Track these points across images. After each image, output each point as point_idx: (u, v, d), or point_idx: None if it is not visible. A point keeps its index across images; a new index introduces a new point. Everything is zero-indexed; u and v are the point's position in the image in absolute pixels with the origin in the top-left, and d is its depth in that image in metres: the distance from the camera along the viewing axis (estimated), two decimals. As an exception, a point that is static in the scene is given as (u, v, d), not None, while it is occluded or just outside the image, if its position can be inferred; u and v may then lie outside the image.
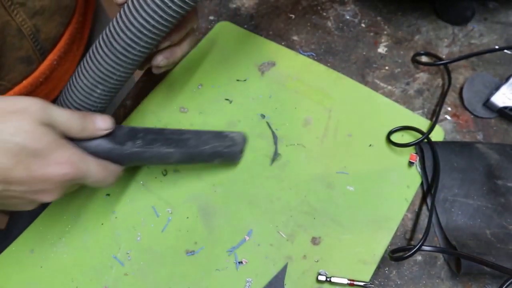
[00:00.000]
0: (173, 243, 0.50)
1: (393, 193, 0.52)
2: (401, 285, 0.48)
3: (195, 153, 0.48)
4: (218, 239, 0.50)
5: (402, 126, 0.55)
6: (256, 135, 0.56)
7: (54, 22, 0.53)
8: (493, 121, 0.58)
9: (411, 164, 0.53)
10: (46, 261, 0.50)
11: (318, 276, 0.47)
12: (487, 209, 0.51)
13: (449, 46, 0.64)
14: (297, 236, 0.50)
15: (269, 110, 0.58)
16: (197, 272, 0.48)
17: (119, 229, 0.51)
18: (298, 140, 0.55)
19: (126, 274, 0.49)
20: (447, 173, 0.53)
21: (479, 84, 0.59)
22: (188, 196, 0.53)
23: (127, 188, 0.53)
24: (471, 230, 0.50)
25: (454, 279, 0.48)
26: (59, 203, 0.53)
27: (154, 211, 0.52)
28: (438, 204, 0.51)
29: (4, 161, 0.36)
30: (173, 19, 0.42)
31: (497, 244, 0.48)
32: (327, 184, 0.53)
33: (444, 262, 0.49)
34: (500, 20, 0.66)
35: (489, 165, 0.53)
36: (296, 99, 0.58)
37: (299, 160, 0.54)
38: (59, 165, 0.38)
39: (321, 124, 0.56)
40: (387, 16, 0.67)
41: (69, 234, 0.51)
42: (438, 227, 0.51)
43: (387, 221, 0.51)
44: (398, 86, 0.61)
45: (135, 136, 0.45)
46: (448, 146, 0.55)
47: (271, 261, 0.49)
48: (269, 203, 0.52)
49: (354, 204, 0.52)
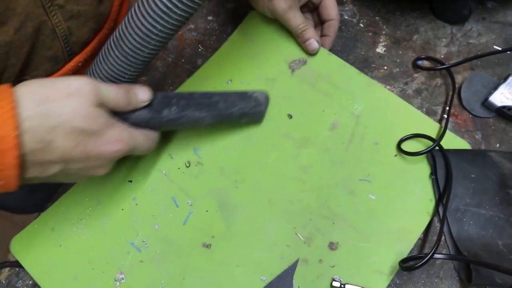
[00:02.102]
0: (191, 235, 0.50)
1: (415, 206, 0.51)
2: (400, 285, 0.48)
3: (225, 115, 0.51)
4: (235, 234, 0.50)
5: (413, 134, 0.55)
6: (281, 135, 0.56)
7: (87, 27, 0.55)
8: (492, 120, 0.58)
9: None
10: (65, 240, 0.51)
11: (332, 282, 0.47)
12: (500, 219, 0.50)
13: (448, 46, 0.64)
14: (314, 240, 0.50)
15: (297, 110, 0.57)
16: (211, 266, 0.49)
17: (138, 216, 0.52)
18: (323, 144, 0.55)
19: (142, 261, 0.49)
20: (459, 182, 0.52)
21: (477, 84, 0.59)
22: (209, 190, 0.53)
23: (149, 176, 0.54)
24: (483, 240, 0.49)
25: (453, 278, 0.48)
26: (82, 186, 0.53)
27: (174, 201, 0.52)
28: (449, 213, 0.51)
29: (64, 143, 0.38)
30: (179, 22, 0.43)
31: (509, 255, 0.47)
32: (349, 190, 0.52)
33: (443, 261, 0.49)
34: (499, 20, 0.65)
35: (502, 174, 0.52)
36: (324, 101, 0.58)
37: (322, 163, 0.54)
38: (112, 143, 0.41)
39: (348, 130, 0.56)
40: (386, 16, 0.67)
41: (89, 217, 0.52)
42: (449, 237, 0.50)
43: (406, 233, 0.50)
44: (397, 86, 0.61)
45: (170, 102, 0.47)
46: (461, 154, 0.54)
47: (287, 262, 0.49)
48: (289, 204, 0.52)
49: (374, 213, 0.51)
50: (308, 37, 0.59)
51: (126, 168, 0.54)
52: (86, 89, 0.39)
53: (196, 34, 0.67)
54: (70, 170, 0.41)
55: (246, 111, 0.52)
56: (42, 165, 0.39)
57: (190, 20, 0.68)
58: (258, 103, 0.53)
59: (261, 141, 0.56)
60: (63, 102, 0.38)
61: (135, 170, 0.54)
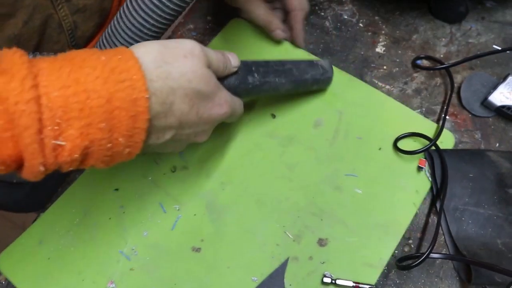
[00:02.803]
0: (180, 239, 0.50)
1: (401, 198, 0.52)
2: (400, 284, 0.48)
3: (300, 81, 0.53)
4: (224, 237, 0.50)
5: (410, 133, 0.55)
6: (266, 134, 0.56)
7: (92, 21, 0.55)
8: (491, 120, 0.58)
9: (420, 169, 0.53)
10: (54, 253, 0.50)
11: (323, 278, 0.47)
12: (498, 218, 0.50)
13: (447, 46, 0.64)
14: (303, 237, 0.50)
15: (280, 110, 0.58)
16: (202, 269, 0.49)
17: (126, 224, 0.51)
18: (308, 141, 0.55)
19: (132, 269, 0.49)
20: (457, 182, 0.52)
21: (477, 83, 0.59)
22: (196, 193, 0.53)
23: (135, 183, 0.54)
24: (482, 239, 0.49)
25: (453, 278, 0.48)
26: (69, 197, 0.53)
27: (161, 207, 0.52)
28: (448, 212, 0.51)
29: (183, 106, 0.37)
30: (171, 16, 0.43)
31: (508, 254, 0.47)
32: (336, 186, 0.53)
33: (443, 261, 0.49)
34: (498, 19, 0.65)
35: (500, 173, 0.53)
36: (307, 99, 0.58)
37: (308, 161, 0.54)
38: (220, 106, 0.41)
39: (332, 126, 0.56)
40: (385, 15, 0.67)
41: (77, 228, 0.51)
42: (449, 236, 0.50)
43: (394, 225, 0.50)
44: (396, 86, 0.61)
45: (251, 69, 0.48)
46: (458, 154, 0.54)
47: (277, 261, 0.49)
48: (277, 203, 0.52)
49: (362, 207, 0.51)
50: (271, 28, 0.59)
51: (111, 176, 0.54)
52: (197, 50, 0.38)
53: (195, 34, 0.67)
54: (180, 136, 0.40)
55: (317, 78, 0.55)
56: (161, 131, 0.38)
57: (189, 20, 0.68)
58: (325, 70, 0.56)
59: (246, 141, 0.56)
60: (181, 63, 0.37)
61: (120, 178, 0.54)
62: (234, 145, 0.56)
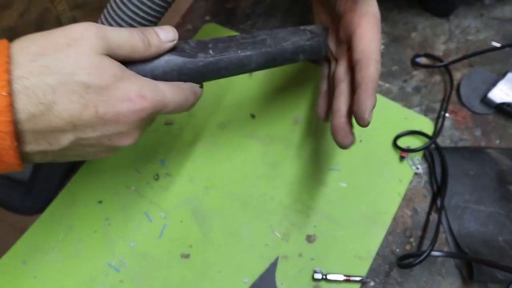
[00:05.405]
0: (168, 247, 0.50)
1: (385, 188, 0.52)
2: (402, 283, 0.48)
3: (276, 52, 0.43)
4: (213, 241, 0.50)
5: (409, 131, 0.55)
6: (246, 135, 0.56)
7: (92, 18, 0.53)
8: (491, 117, 0.58)
9: (402, 159, 0.54)
10: (39, 271, 0.49)
11: (314, 274, 0.47)
12: (500, 215, 0.50)
13: (446, 43, 0.64)
14: (291, 235, 0.50)
15: (259, 110, 0.58)
16: (192, 275, 0.48)
17: (113, 236, 0.51)
18: (288, 139, 0.55)
19: (122, 281, 0.48)
20: (458, 179, 0.52)
21: (476, 80, 0.59)
22: (181, 200, 0.52)
23: (118, 194, 0.53)
24: (483, 237, 0.49)
25: (455, 275, 0.48)
26: (51, 213, 0.52)
27: (147, 216, 0.52)
28: (449, 210, 0.51)
29: (69, 106, 0.31)
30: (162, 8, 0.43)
31: (510, 251, 0.47)
32: (320, 181, 0.53)
33: (444, 259, 0.49)
34: (497, 16, 0.65)
35: (501, 170, 0.52)
36: (284, 97, 0.58)
37: (290, 158, 0.54)
38: (130, 101, 0.33)
39: (311, 122, 0.56)
40: (384, 14, 0.66)
41: (62, 244, 0.50)
42: (450, 234, 0.50)
43: (380, 216, 0.51)
44: (396, 84, 0.61)
45: (206, 47, 0.40)
46: (458, 151, 0.54)
47: (267, 261, 0.49)
48: (262, 203, 0.52)
49: (347, 200, 0.52)
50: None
51: (94, 189, 0.53)
52: (89, 35, 0.32)
53: (194, 35, 0.66)
54: (85, 141, 0.33)
55: (301, 44, 0.44)
56: (49, 135, 0.32)
57: (188, 20, 0.67)
58: (315, 35, 0.46)
59: (227, 144, 0.56)
60: (62, 53, 0.31)
61: (103, 190, 0.53)
62: (215, 148, 0.55)
